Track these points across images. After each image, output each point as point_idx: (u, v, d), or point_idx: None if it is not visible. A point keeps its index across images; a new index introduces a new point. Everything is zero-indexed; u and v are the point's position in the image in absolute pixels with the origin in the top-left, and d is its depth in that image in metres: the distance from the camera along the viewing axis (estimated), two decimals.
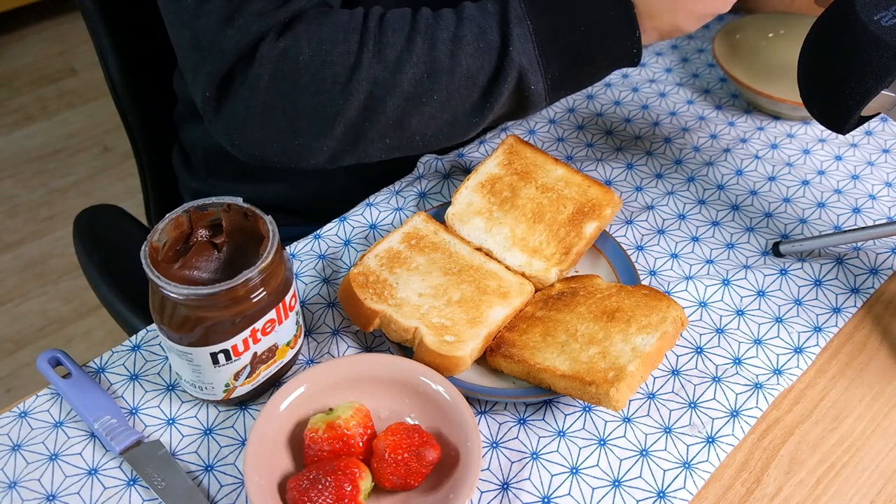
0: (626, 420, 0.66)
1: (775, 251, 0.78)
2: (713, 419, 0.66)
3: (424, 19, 0.69)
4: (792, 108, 0.90)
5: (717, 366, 0.70)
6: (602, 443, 0.65)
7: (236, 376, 0.63)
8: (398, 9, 0.70)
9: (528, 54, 0.69)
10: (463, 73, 0.68)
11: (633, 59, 0.72)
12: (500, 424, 0.66)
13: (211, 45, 0.66)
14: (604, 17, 0.69)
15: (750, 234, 0.81)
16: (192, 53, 0.68)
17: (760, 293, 0.75)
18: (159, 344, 0.71)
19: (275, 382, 0.68)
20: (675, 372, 0.69)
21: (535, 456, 0.64)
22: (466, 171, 0.86)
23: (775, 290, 0.75)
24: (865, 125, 0.92)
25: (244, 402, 0.67)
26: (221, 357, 0.61)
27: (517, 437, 0.65)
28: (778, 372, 0.69)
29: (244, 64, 0.67)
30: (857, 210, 0.83)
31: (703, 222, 0.82)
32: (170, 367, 0.69)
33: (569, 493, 0.62)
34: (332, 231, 0.80)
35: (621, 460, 0.64)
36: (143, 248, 0.59)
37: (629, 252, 0.78)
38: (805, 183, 0.86)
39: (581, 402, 0.67)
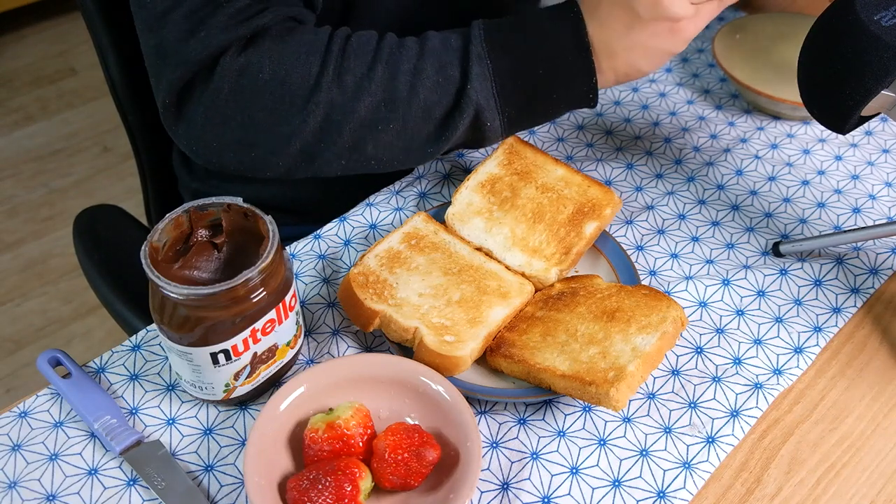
0: (626, 420, 0.66)
1: (775, 251, 0.78)
2: (713, 419, 0.66)
3: (388, 47, 0.70)
4: (792, 108, 0.90)
5: (717, 366, 0.70)
6: (602, 443, 0.65)
7: (236, 376, 0.63)
8: (365, 31, 0.71)
9: (486, 93, 0.70)
10: (420, 105, 0.69)
11: (590, 103, 0.73)
12: (500, 424, 0.66)
13: (174, 53, 0.67)
14: (562, 60, 0.71)
15: (750, 234, 0.81)
16: (156, 60, 0.69)
17: (760, 293, 0.75)
18: (159, 344, 0.71)
19: (275, 382, 0.68)
20: (675, 372, 0.69)
21: (535, 456, 0.64)
22: (466, 171, 0.86)
23: (775, 290, 0.75)
24: (865, 125, 0.92)
25: (244, 402, 0.67)
26: (221, 357, 0.61)
27: (517, 437, 0.65)
28: (778, 372, 0.69)
29: (204, 75, 0.68)
30: (857, 210, 0.83)
31: (703, 222, 0.82)
32: (170, 367, 0.69)
33: (569, 493, 0.62)
34: (332, 231, 0.80)
35: (621, 460, 0.64)
36: (143, 248, 0.59)
37: (629, 252, 0.78)
38: (805, 183, 0.86)
39: (581, 402, 0.67)
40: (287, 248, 0.79)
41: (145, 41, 0.70)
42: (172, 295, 0.58)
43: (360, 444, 0.60)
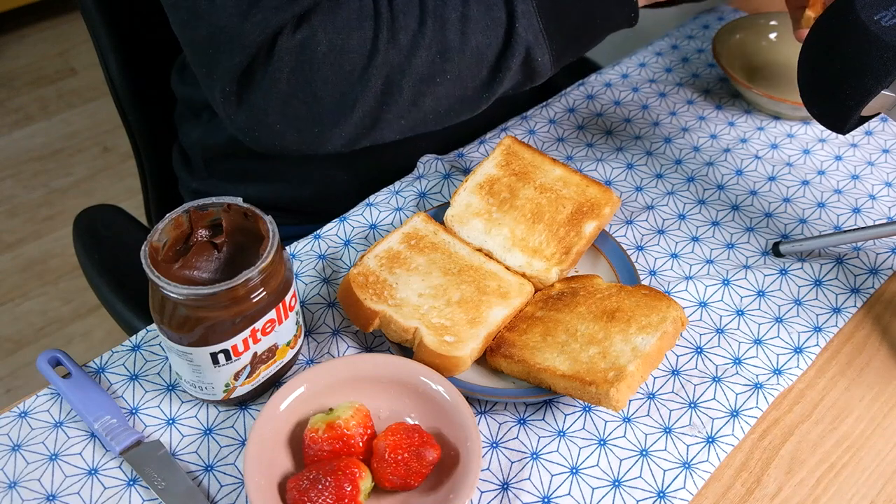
0: (626, 420, 0.66)
1: (775, 251, 0.78)
2: (713, 419, 0.66)
3: (432, 0, 0.71)
4: (792, 108, 0.90)
5: (717, 366, 0.70)
6: (602, 443, 0.65)
7: (236, 376, 0.63)
8: None
9: (533, 29, 0.71)
10: (473, 50, 0.71)
11: (632, 22, 0.75)
12: (500, 424, 0.66)
13: (229, 40, 0.67)
14: None
15: (750, 234, 0.81)
16: (208, 49, 0.69)
17: (760, 293, 0.75)
18: (159, 344, 0.71)
19: (275, 382, 0.68)
20: (675, 372, 0.69)
21: (535, 456, 0.64)
22: (466, 171, 0.86)
23: (775, 290, 0.75)
24: (865, 125, 0.92)
25: (244, 402, 0.67)
26: (221, 357, 0.61)
27: (517, 437, 0.65)
28: (778, 372, 0.69)
29: (263, 58, 0.68)
30: (857, 210, 0.83)
31: (703, 222, 0.82)
32: (170, 367, 0.69)
33: (569, 493, 0.62)
34: (332, 231, 0.80)
35: (621, 460, 0.64)
36: (143, 248, 0.59)
37: (629, 252, 0.78)
38: (805, 183, 0.86)
39: (581, 402, 0.67)
40: (287, 248, 0.79)
41: (194, 31, 0.69)
42: (172, 295, 0.58)
43: (360, 444, 0.60)
